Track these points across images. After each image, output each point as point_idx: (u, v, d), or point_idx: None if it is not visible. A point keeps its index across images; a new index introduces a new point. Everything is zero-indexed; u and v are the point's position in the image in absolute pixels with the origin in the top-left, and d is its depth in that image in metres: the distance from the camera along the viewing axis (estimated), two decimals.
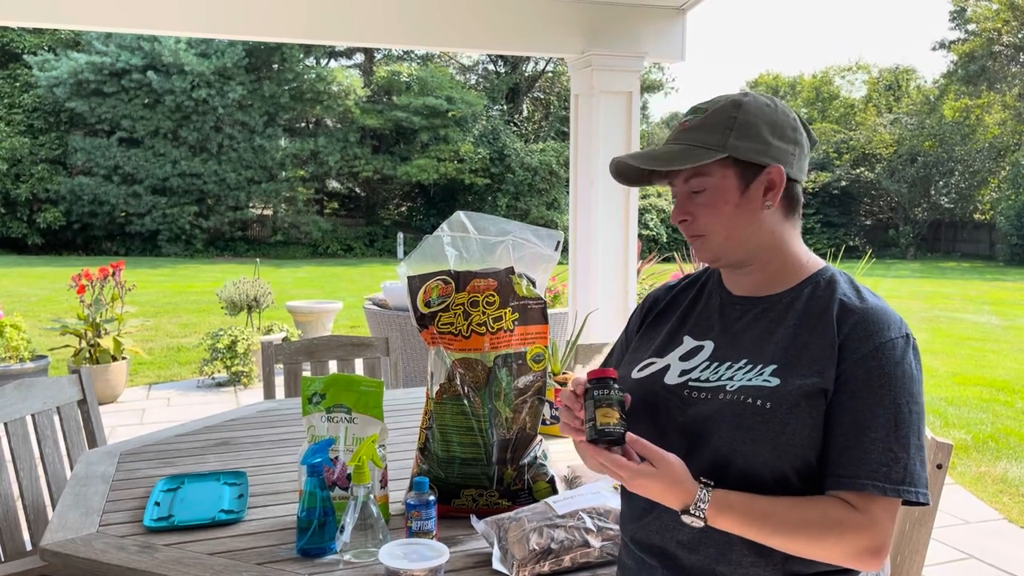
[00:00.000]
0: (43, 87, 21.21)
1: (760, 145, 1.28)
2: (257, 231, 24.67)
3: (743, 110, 1.29)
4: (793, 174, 1.31)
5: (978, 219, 28.28)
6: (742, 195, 1.30)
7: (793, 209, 1.35)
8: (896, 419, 1.20)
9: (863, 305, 1.28)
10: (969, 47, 28.37)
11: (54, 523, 1.72)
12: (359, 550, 1.54)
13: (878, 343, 1.23)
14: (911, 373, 1.23)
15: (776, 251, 1.34)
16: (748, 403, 1.26)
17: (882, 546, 1.18)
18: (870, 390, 1.21)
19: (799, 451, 1.23)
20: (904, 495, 1.18)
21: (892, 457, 1.18)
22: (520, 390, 1.80)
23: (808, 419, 1.23)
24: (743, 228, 1.31)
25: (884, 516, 1.19)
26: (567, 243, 4.89)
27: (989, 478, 4.68)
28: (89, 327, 5.98)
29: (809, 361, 1.25)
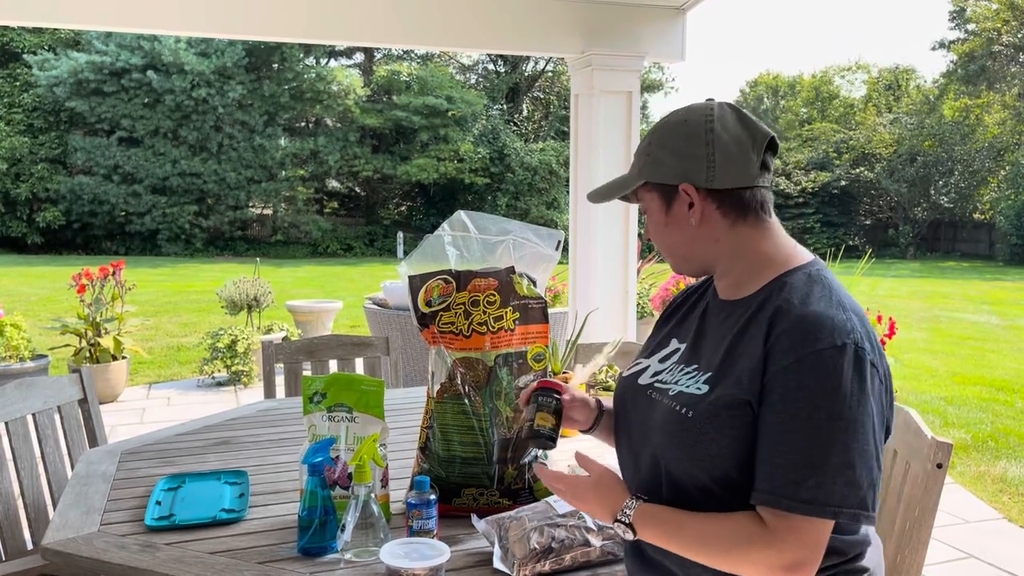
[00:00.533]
0: (43, 86, 21.21)
1: (667, 168, 1.32)
2: (257, 230, 24.67)
3: (656, 134, 1.35)
4: (717, 184, 1.29)
5: (978, 219, 28.28)
6: (667, 215, 1.35)
7: (742, 214, 1.31)
8: (811, 435, 1.14)
9: (798, 312, 1.21)
10: (969, 47, 28.38)
11: (55, 522, 1.72)
12: (360, 549, 1.54)
13: (801, 354, 1.17)
14: (838, 386, 1.14)
15: (735, 258, 1.33)
16: (675, 409, 1.28)
17: (796, 563, 1.14)
18: (785, 404, 1.17)
19: (717, 462, 1.23)
20: (811, 512, 1.14)
21: (802, 474, 1.14)
22: (520, 389, 1.80)
23: (729, 430, 1.22)
24: (682, 244, 1.36)
25: (793, 533, 1.14)
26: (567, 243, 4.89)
27: (989, 477, 4.68)
28: (89, 326, 5.98)
29: (739, 371, 1.24)
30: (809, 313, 1.20)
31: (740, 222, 1.32)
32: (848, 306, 1.23)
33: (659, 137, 1.34)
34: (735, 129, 1.30)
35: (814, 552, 1.15)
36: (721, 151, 1.29)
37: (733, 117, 1.31)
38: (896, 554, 1.74)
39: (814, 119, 35.64)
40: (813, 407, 1.15)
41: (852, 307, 1.24)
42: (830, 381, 1.15)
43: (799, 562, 1.15)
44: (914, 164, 27.87)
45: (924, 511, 1.70)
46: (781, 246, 1.33)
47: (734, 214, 1.31)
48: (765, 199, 1.33)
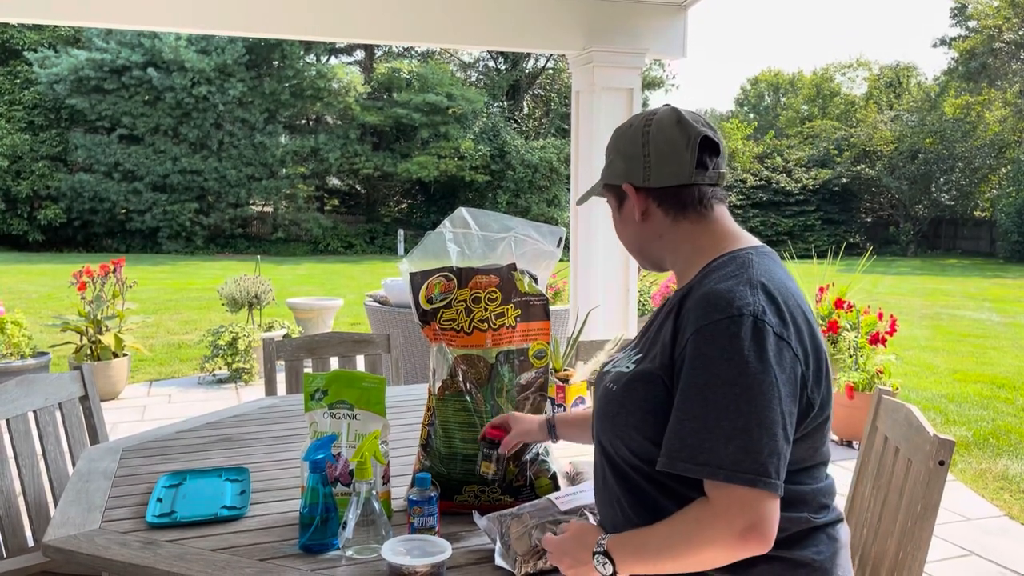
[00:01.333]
0: (43, 84, 21.21)
1: (613, 169, 1.44)
2: (258, 228, 24.67)
3: (611, 141, 1.46)
4: (654, 183, 1.37)
5: (978, 216, 28.26)
6: (620, 214, 1.47)
7: (682, 209, 1.38)
8: (706, 401, 1.19)
9: (704, 289, 1.27)
10: (970, 44, 28.35)
11: (56, 519, 1.72)
12: (361, 546, 1.54)
13: (698, 326, 1.22)
14: (733, 354, 1.18)
15: (676, 252, 1.41)
16: (607, 387, 1.39)
17: (746, 530, 1.16)
18: (685, 373, 1.22)
19: (632, 434, 1.30)
20: (706, 475, 1.17)
21: (699, 438, 1.18)
22: (522, 386, 1.80)
23: (641, 403, 1.29)
24: (633, 240, 1.47)
25: (729, 501, 1.17)
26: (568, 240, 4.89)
27: (990, 475, 4.68)
28: (90, 324, 5.98)
29: (656, 349, 1.32)
30: (713, 289, 1.26)
31: (681, 217, 1.39)
32: (761, 283, 1.26)
33: (613, 141, 1.45)
34: (669, 130, 1.37)
35: (760, 515, 1.16)
36: (655, 151, 1.37)
37: (671, 119, 1.38)
38: (898, 551, 1.74)
39: (815, 116, 35.62)
40: (709, 374, 1.20)
41: (768, 285, 1.26)
42: (726, 349, 1.19)
43: (748, 527, 1.16)
44: (915, 161, 27.85)
45: (926, 508, 1.70)
46: (721, 236, 1.38)
47: (674, 211, 1.39)
48: (704, 195, 1.38)
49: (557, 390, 2.39)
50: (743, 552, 1.18)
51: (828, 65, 39.86)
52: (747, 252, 1.34)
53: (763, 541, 1.17)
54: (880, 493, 1.92)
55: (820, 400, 1.27)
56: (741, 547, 1.17)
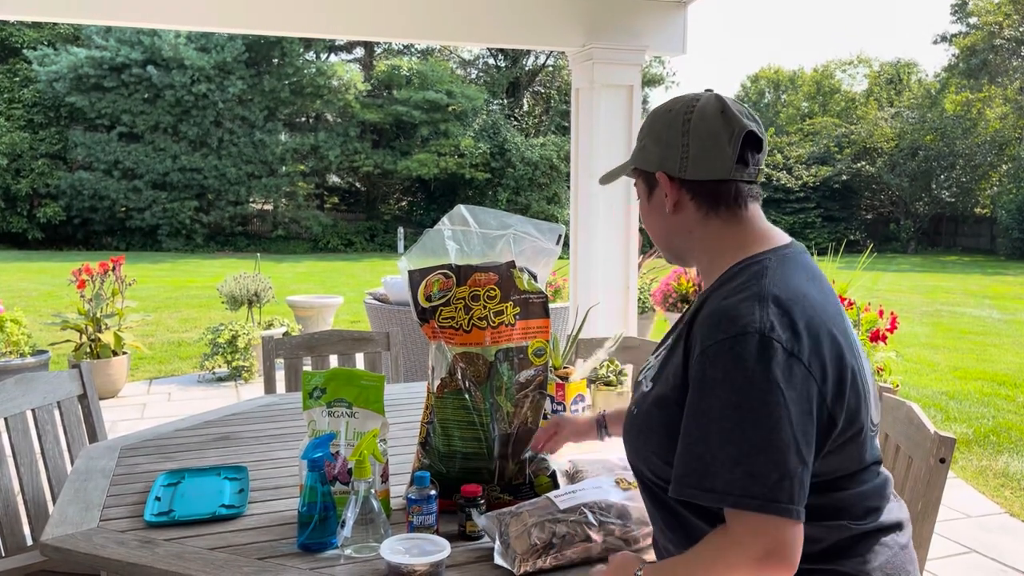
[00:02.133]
0: (43, 82, 21.19)
1: (648, 154, 1.35)
2: (257, 226, 24.66)
3: (645, 122, 1.38)
4: (690, 175, 1.30)
5: (979, 213, 28.24)
6: (649, 201, 1.39)
7: (715, 205, 1.32)
8: (709, 424, 1.15)
9: (714, 306, 1.22)
10: (970, 40, 28.31)
11: (54, 518, 1.72)
12: (360, 545, 1.53)
13: (705, 346, 1.18)
14: (737, 376, 1.14)
15: (703, 250, 1.35)
16: (630, 408, 1.38)
17: (766, 555, 1.13)
18: (691, 395, 1.19)
19: (651, 457, 1.29)
20: (714, 502, 1.15)
21: (703, 463, 1.15)
22: (521, 384, 1.79)
23: (658, 427, 1.26)
24: (661, 231, 1.39)
25: (744, 528, 1.14)
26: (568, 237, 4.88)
27: (991, 472, 4.67)
28: (90, 322, 5.98)
29: (670, 369, 1.28)
30: (719, 307, 1.21)
31: (712, 214, 1.32)
32: (773, 296, 1.19)
33: (648, 124, 1.37)
34: (713, 121, 1.29)
35: (777, 542, 1.13)
36: (696, 142, 1.29)
37: (715, 108, 1.29)
38: None
39: (815, 113, 35.58)
40: (713, 397, 1.15)
41: (781, 296, 1.20)
42: (729, 371, 1.14)
43: (765, 554, 1.13)
44: (915, 158, 27.83)
45: (927, 506, 1.70)
46: (749, 237, 1.32)
47: (707, 206, 1.32)
48: (741, 192, 1.31)
49: (556, 388, 2.38)
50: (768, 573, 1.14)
51: (828, 62, 39.80)
52: (766, 259, 1.27)
53: (784, 566, 1.13)
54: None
55: (846, 414, 1.20)
56: (761, 573, 1.14)
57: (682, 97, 1.34)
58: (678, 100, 1.34)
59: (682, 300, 7.05)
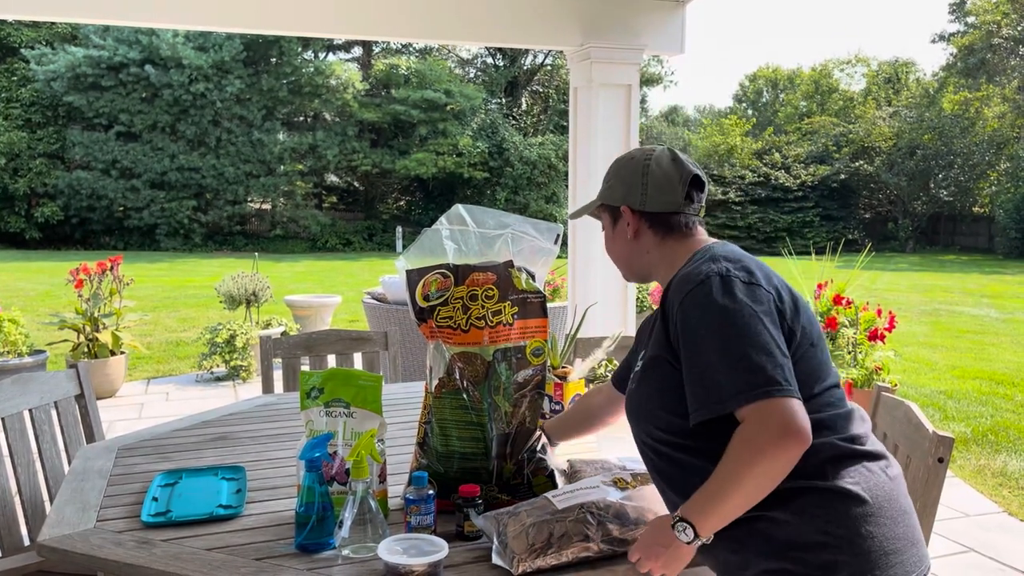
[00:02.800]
0: (41, 81, 21.17)
1: (613, 191, 1.68)
2: (256, 225, 24.65)
3: (612, 167, 1.70)
4: (649, 208, 1.62)
5: (977, 212, 28.26)
6: (613, 230, 1.70)
7: (669, 232, 1.63)
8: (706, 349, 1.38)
9: (676, 276, 1.52)
10: (968, 40, 28.32)
11: (51, 518, 1.71)
12: (358, 545, 1.53)
13: (680, 299, 1.45)
14: (710, 306, 1.40)
15: (661, 264, 1.65)
16: (630, 389, 1.62)
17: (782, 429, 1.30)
18: (683, 339, 1.43)
19: (658, 412, 1.49)
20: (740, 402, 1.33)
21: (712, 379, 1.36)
22: (519, 384, 1.79)
23: (656, 384, 1.51)
24: (623, 254, 1.71)
25: (756, 418, 1.32)
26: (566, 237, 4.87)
27: (989, 471, 4.68)
28: (87, 321, 5.97)
29: (655, 337, 1.54)
30: (682, 272, 1.52)
31: (668, 237, 1.63)
32: (722, 255, 1.50)
33: (614, 169, 1.69)
34: (667, 166, 1.63)
35: (788, 417, 1.31)
36: (653, 183, 1.62)
37: (668, 157, 1.64)
38: None
39: (813, 112, 35.59)
40: (697, 329, 1.41)
41: (728, 255, 1.50)
42: (704, 306, 1.41)
43: (782, 429, 1.30)
44: (913, 157, 27.85)
45: (925, 505, 1.69)
46: (697, 245, 1.61)
47: (662, 232, 1.64)
48: (690, 221, 1.64)
49: (555, 387, 2.38)
50: (789, 452, 1.30)
51: (827, 61, 39.82)
52: (709, 245, 1.59)
53: (800, 436, 1.31)
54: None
55: (801, 328, 1.45)
56: (784, 448, 1.30)
57: (641, 148, 1.69)
58: (639, 151, 1.67)
59: None
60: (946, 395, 6.69)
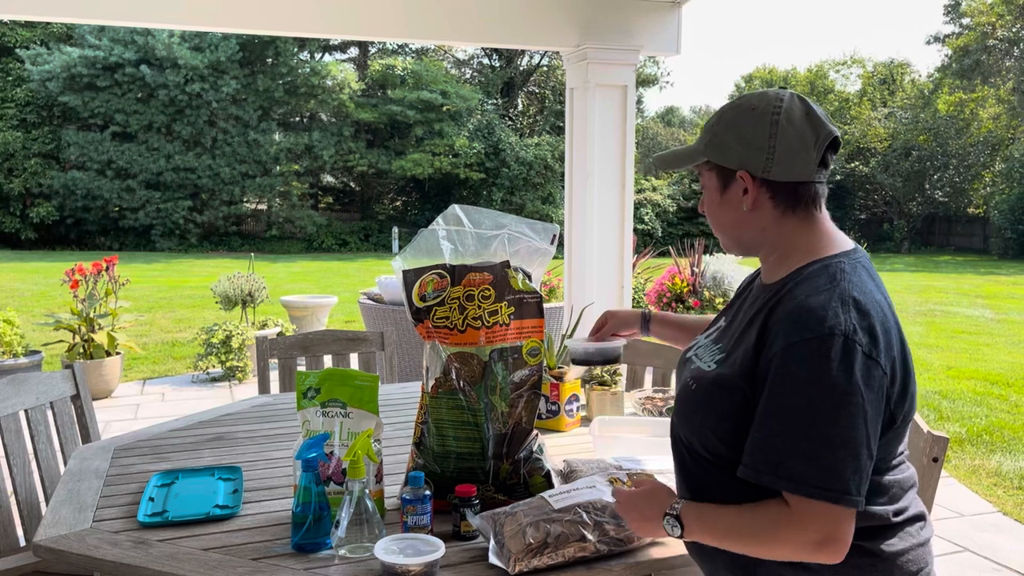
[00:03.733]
0: (36, 81, 21.11)
1: (729, 151, 1.36)
2: (252, 226, 24.61)
3: (724, 116, 1.38)
4: (773, 176, 1.33)
5: (972, 213, 28.32)
6: (722, 196, 1.40)
7: (792, 206, 1.35)
8: (791, 419, 1.20)
9: (796, 303, 1.26)
10: (963, 41, 28.39)
11: (47, 519, 1.71)
12: (354, 545, 1.53)
13: (788, 343, 1.22)
14: (820, 375, 1.19)
15: (773, 246, 1.38)
16: (687, 382, 1.42)
17: (823, 541, 1.20)
18: (771, 389, 1.23)
19: (707, 434, 1.33)
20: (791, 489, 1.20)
21: (780, 455, 1.21)
22: (516, 384, 1.79)
23: (718, 408, 1.32)
24: (730, 225, 1.41)
25: (809, 513, 1.20)
26: (562, 237, 4.88)
27: (983, 471, 4.69)
28: (83, 322, 5.96)
29: (738, 355, 1.32)
30: (804, 304, 1.25)
31: (789, 213, 1.36)
32: (852, 298, 1.24)
33: (728, 118, 1.37)
34: (800, 124, 1.32)
35: (838, 529, 1.19)
36: (783, 144, 1.31)
37: (801, 111, 1.33)
38: None
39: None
40: (797, 394, 1.20)
41: (860, 300, 1.24)
42: (815, 370, 1.19)
43: (825, 539, 1.19)
44: (909, 158, 27.90)
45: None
46: (820, 238, 1.36)
47: (784, 205, 1.35)
48: (818, 194, 1.36)
49: (551, 388, 2.38)
50: (812, 559, 1.22)
51: (822, 62, 39.86)
52: (840, 261, 1.32)
53: (838, 552, 1.21)
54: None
55: (903, 414, 1.29)
56: (813, 556, 1.22)
57: (764, 95, 1.35)
58: (762, 99, 1.35)
59: (676, 300, 7.05)
60: (941, 395, 6.71)
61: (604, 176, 4.60)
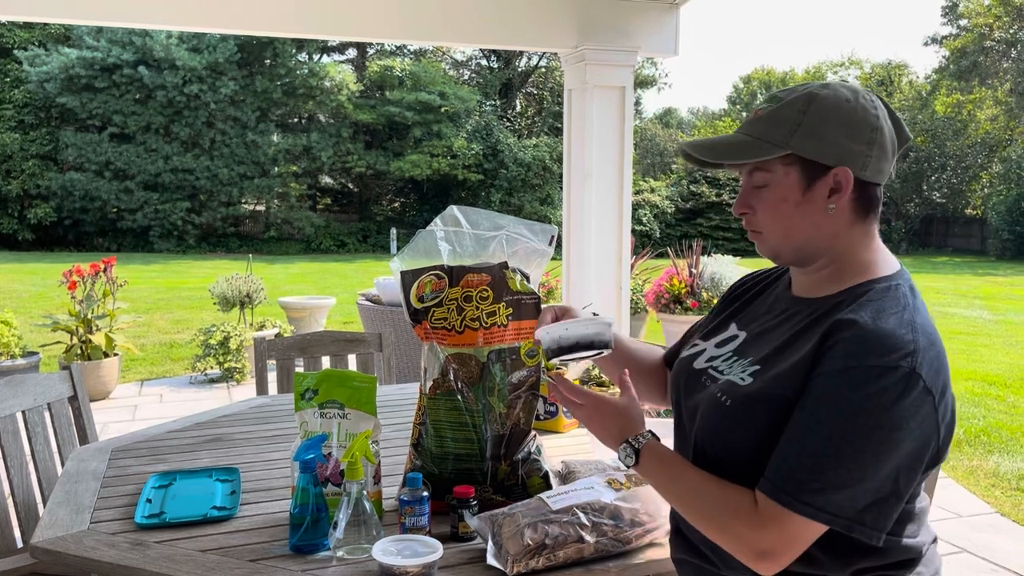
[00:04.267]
0: (33, 82, 21.08)
1: (827, 145, 1.22)
2: (250, 227, 24.59)
3: (815, 105, 1.23)
4: (867, 176, 1.24)
5: (970, 214, 28.38)
6: (803, 195, 1.25)
7: (866, 213, 1.27)
8: (830, 445, 1.13)
9: (865, 324, 1.17)
10: (961, 42, 28.45)
11: (45, 520, 1.71)
12: (352, 546, 1.53)
13: (850, 364, 1.14)
14: (874, 406, 1.11)
15: (837, 256, 1.28)
16: (718, 398, 1.29)
17: (769, 552, 1.16)
18: (817, 406, 1.16)
19: (741, 450, 1.25)
20: (804, 513, 1.13)
21: (808, 477, 1.14)
22: (514, 385, 1.79)
23: (762, 427, 1.22)
24: (802, 229, 1.27)
25: (776, 524, 1.15)
26: (561, 238, 4.88)
27: (981, 472, 4.69)
28: (80, 323, 5.95)
29: (787, 368, 1.23)
30: (875, 328, 1.16)
31: (860, 220, 1.27)
32: (919, 326, 1.18)
33: (821, 110, 1.23)
34: (890, 126, 1.27)
35: (790, 547, 1.16)
36: (880, 143, 1.24)
37: (886, 113, 1.27)
38: None
39: None
40: (844, 419, 1.13)
41: (924, 328, 1.18)
42: (869, 399, 1.12)
43: (771, 551, 1.16)
44: (906, 160, 27.94)
45: None
46: (876, 255, 1.30)
47: (861, 211, 1.27)
48: (881, 200, 1.29)
49: (549, 389, 2.38)
50: (749, 563, 1.19)
51: (820, 63, 39.94)
52: (897, 284, 1.25)
53: (773, 568, 1.17)
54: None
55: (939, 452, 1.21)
56: (752, 560, 1.18)
57: (855, 90, 1.26)
58: (854, 93, 1.25)
59: (675, 301, 7.06)
60: None
61: (602, 177, 4.60)
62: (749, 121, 1.30)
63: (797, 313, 1.31)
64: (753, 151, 1.25)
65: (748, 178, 1.30)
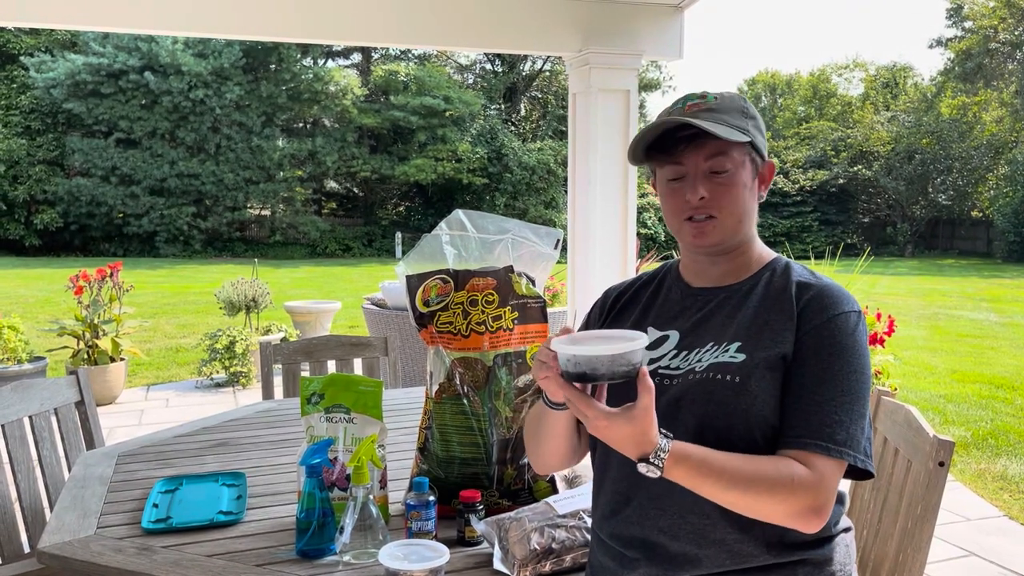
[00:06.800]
0: (40, 88, 21.18)
1: (760, 138, 1.37)
2: (255, 231, 24.65)
3: (744, 103, 1.38)
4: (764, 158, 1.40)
5: (976, 216, 28.29)
6: (752, 181, 1.37)
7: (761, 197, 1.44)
8: (843, 386, 1.25)
9: (818, 282, 1.35)
10: (966, 44, 28.38)
11: (51, 525, 1.71)
12: (359, 551, 1.53)
13: (831, 315, 1.29)
14: (859, 347, 1.29)
15: (750, 241, 1.41)
16: (718, 379, 1.29)
17: (824, 505, 1.22)
18: (819, 358, 1.27)
19: (768, 419, 1.28)
20: (845, 457, 1.22)
21: (835, 420, 1.23)
22: (520, 389, 1.79)
23: (772, 388, 1.29)
24: (749, 214, 1.38)
25: (830, 476, 1.22)
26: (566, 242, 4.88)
27: (989, 475, 4.67)
28: (87, 328, 5.97)
29: (770, 334, 1.31)
30: (829, 284, 1.35)
31: None
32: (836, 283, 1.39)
33: (749, 108, 1.38)
34: None
35: (832, 496, 1.23)
36: (761, 128, 1.40)
37: None
38: (898, 553, 1.73)
39: (812, 117, 35.64)
40: (844, 361, 1.27)
41: None
42: (854, 341, 1.28)
43: (826, 504, 1.21)
44: (912, 162, 27.88)
45: (926, 509, 1.69)
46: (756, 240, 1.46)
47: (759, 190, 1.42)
48: None
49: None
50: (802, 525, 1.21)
51: (825, 66, 39.88)
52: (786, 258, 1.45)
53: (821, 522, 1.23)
54: (880, 495, 1.92)
55: None
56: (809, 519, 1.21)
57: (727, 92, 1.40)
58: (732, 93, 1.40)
59: None
60: (946, 399, 6.69)
61: (607, 180, 4.59)
62: (698, 112, 1.33)
63: (730, 298, 1.38)
64: (733, 133, 1.31)
65: (703, 164, 1.33)
